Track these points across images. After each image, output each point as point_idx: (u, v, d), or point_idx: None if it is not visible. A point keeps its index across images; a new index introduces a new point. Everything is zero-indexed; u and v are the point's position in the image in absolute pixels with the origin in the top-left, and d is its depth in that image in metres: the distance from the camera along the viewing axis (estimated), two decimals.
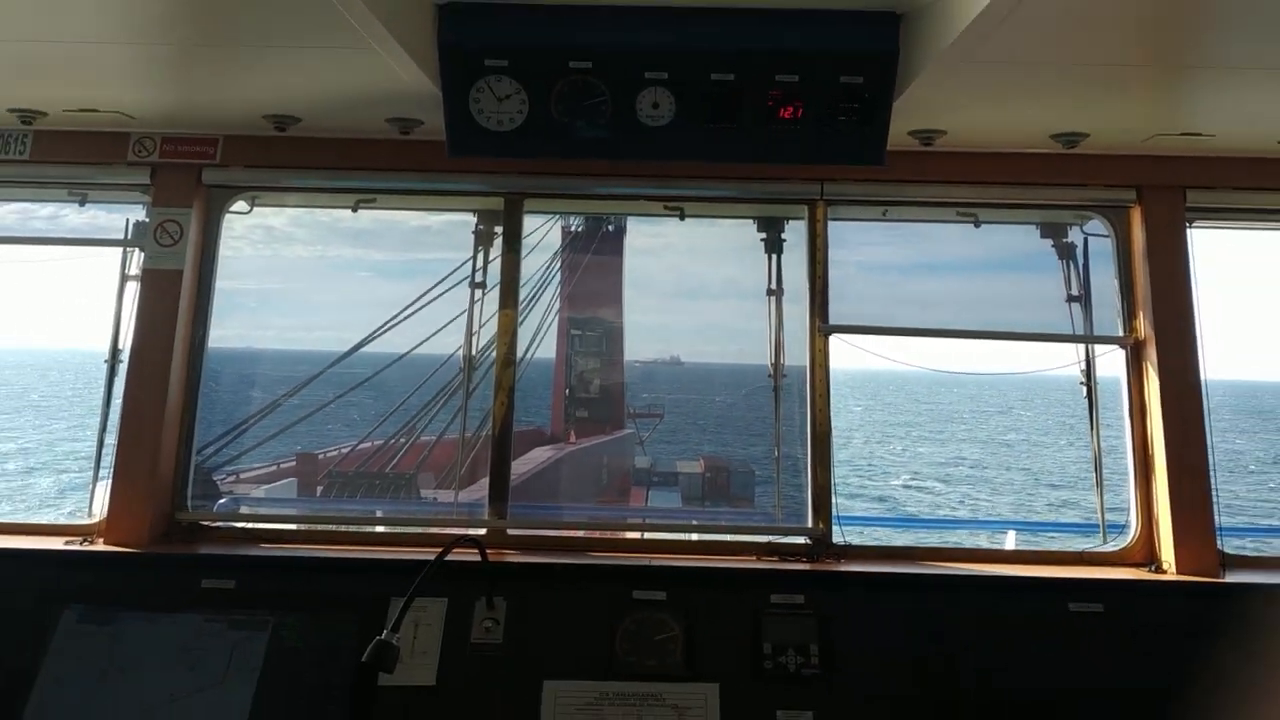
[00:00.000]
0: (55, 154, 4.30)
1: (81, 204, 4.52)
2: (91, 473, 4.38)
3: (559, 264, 15.18)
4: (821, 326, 4.27)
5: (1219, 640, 3.04)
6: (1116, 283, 4.39)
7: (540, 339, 13.52)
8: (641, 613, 3.06)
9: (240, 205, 4.50)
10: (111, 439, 4.17)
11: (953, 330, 4.50)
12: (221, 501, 4.96)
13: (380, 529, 4.61)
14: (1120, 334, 4.34)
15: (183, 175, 4.30)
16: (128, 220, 4.41)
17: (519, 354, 4.41)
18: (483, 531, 3.92)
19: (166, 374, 4.15)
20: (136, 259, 4.34)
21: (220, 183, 4.34)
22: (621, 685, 2.91)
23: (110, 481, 4.06)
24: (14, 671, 2.90)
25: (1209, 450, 4.09)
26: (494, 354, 4.36)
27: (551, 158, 3.65)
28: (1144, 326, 4.25)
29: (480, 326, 4.60)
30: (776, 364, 4.57)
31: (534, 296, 12.88)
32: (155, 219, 4.28)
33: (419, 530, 4.05)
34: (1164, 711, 2.87)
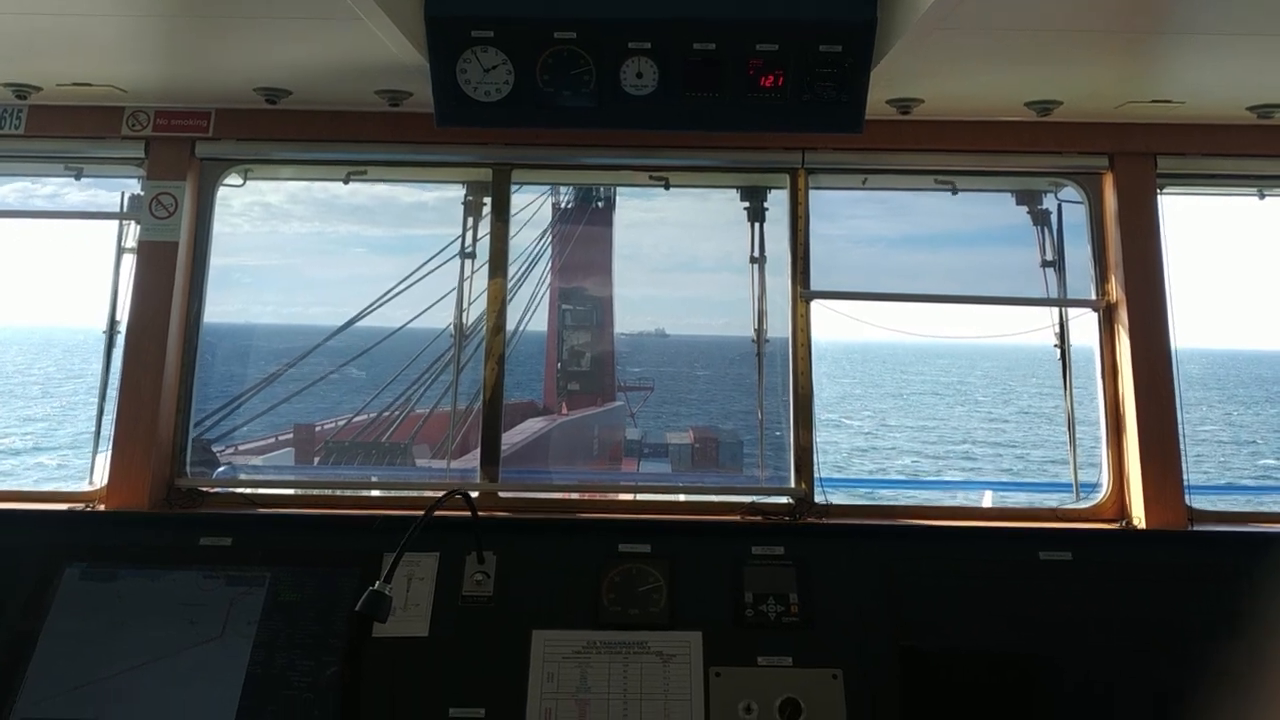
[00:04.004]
0: (50, 129, 4.36)
1: (77, 178, 4.59)
2: (92, 442, 4.46)
3: (549, 239, 15.24)
4: (803, 293, 4.38)
5: (1185, 586, 3.16)
6: (1089, 248, 4.51)
7: (531, 313, 13.59)
8: (627, 565, 3.18)
9: (234, 178, 4.57)
10: (111, 408, 4.26)
11: (931, 295, 4.62)
12: (220, 470, 5.05)
13: (375, 493, 4.72)
14: (1093, 298, 4.46)
15: (176, 149, 4.37)
16: (123, 194, 4.49)
17: (510, 328, 4.51)
18: (475, 494, 4.03)
19: (164, 344, 4.23)
20: (132, 232, 4.42)
21: (213, 155, 4.42)
22: (608, 634, 3.02)
23: (110, 450, 4.15)
24: (18, 628, 3.00)
25: (1178, 409, 4.21)
26: (485, 325, 4.45)
27: (538, 127, 3.74)
28: (1116, 290, 4.36)
29: (471, 302, 4.69)
30: (760, 330, 4.70)
31: (525, 271, 12.96)
32: (150, 192, 4.36)
33: (412, 494, 4.16)
34: (1132, 656, 3.00)
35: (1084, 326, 4.54)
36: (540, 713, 2.85)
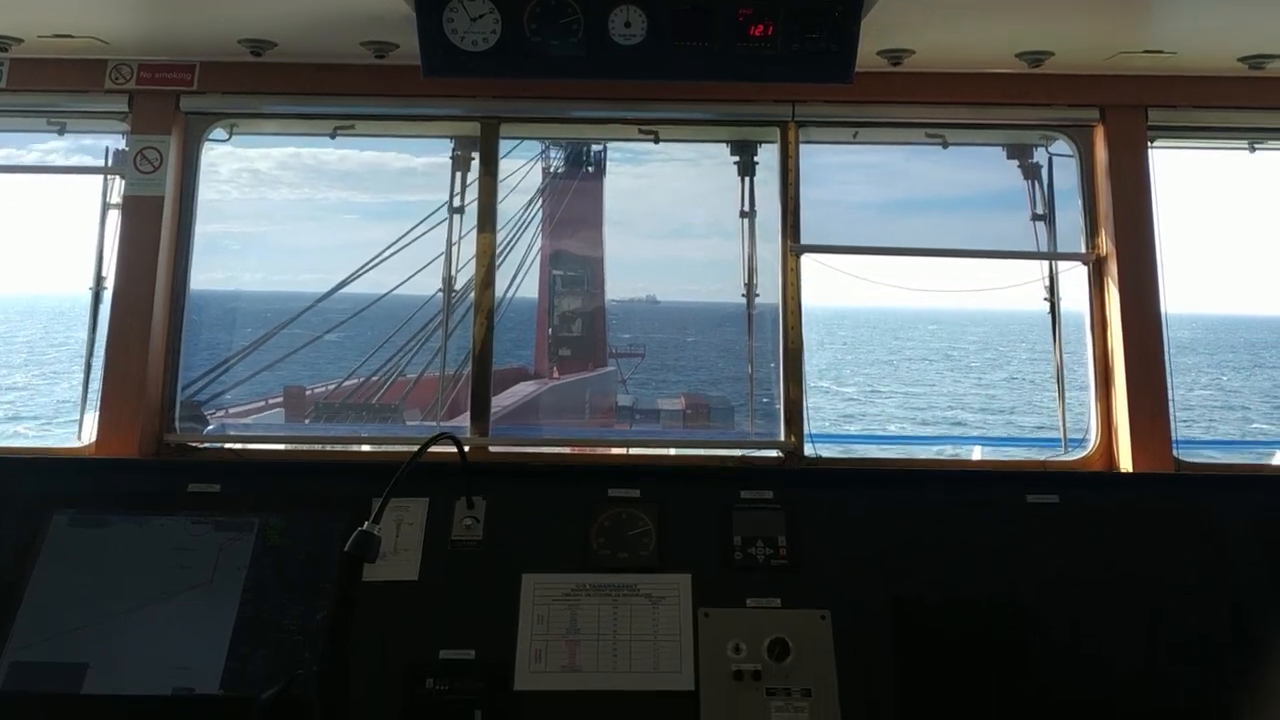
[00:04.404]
0: (32, 82, 4.31)
1: (60, 133, 4.55)
2: (80, 400, 4.45)
3: (540, 204, 15.18)
4: (793, 246, 4.37)
5: (1171, 528, 3.18)
6: (1080, 201, 4.50)
7: (522, 278, 13.55)
8: (616, 509, 3.19)
9: (219, 133, 4.53)
10: (99, 365, 4.25)
11: (921, 249, 4.62)
12: (210, 428, 5.05)
13: (365, 448, 4.72)
14: (1083, 251, 4.46)
15: (161, 102, 4.33)
16: (107, 149, 4.45)
17: (500, 294, 4.49)
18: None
19: (151, 299, 4.21)
20: (117, 187, 4.38)
21: (198, 109, 4.37)
22: (598, 577, 3.04)
23: (98, 406, 4.14)
24: (6, 574, 3.00)
25: (1166, 362, 4.23)
26: (474, 281, 4.43)
27: (526, 78, 3.71)
28: (1105, 243, 4.36)
29: (460, 268, 4.68)
30: (750, 285, 4.70)
31: (515, 236, 12.90)
32: (134, 146, 4.32)
33: (402, 449, 4.16)
34: (1119, 600, 3.02)
35: (1074, 290, 4.54)
36: (530, 654, 2.87)
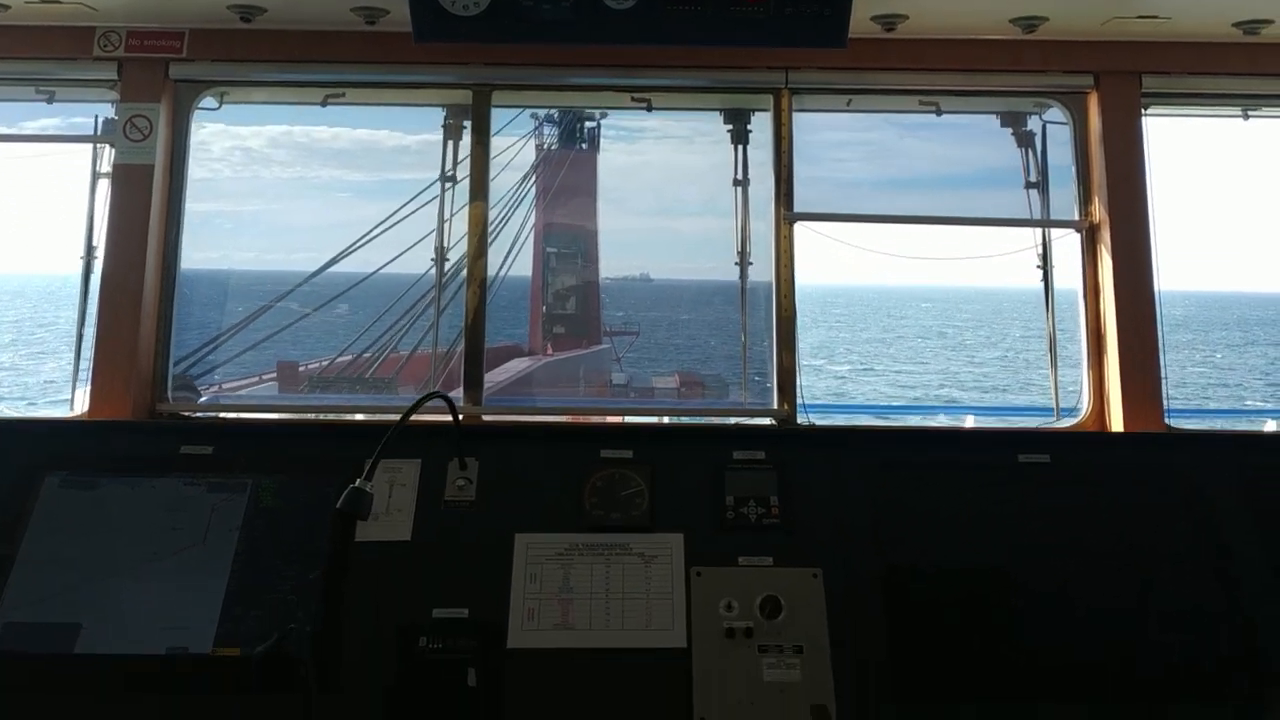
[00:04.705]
0: (20, 50, 4.28)
1: (49, 102, 4.51)
2: (71, 370, 4.44)
3: (533, 181, 15.10)
4: (787, 215, 4.35)
5: (1161, 488, 3.19)
6: (1073, 169, 4.49)
7: (515, 255, 13.51)
8: (609, 469, 3.19)
9: (209, 102, 4.51)
10: (90, 335, 4.23)
11: (914, 216, 4.61)
12: (202, 400, 5.04)
13: (359, 416, 4.72)
14: (1076, 219, 4.46)
15: (150, 70, 4.30)
16: (96, 117, 4.43)
17: (493, 273, 4.47)
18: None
19: (142, 268, 4.19)
20: (107, 156, 4.36)
21: (188, 77, 4.34)
22: (590, 537, 3.04)
23: (90, 378, 4.13)
24: None
25: (1159, 329, 4.24)
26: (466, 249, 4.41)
27: (516, 42, 3.68)
28: (1099, 211, 4.36)
29: (453, 244, 4.66)
30: (743, 252, 4.71)
31: (508, 213, 12.84)
32: (124, 114, 4.29)
33: (395, 417, 4.13)
34: (1109, 556, 3.04)
35: (1068, 265, 4.52)
36: (523, 612, 2.88)
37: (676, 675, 2.78)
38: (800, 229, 4.37)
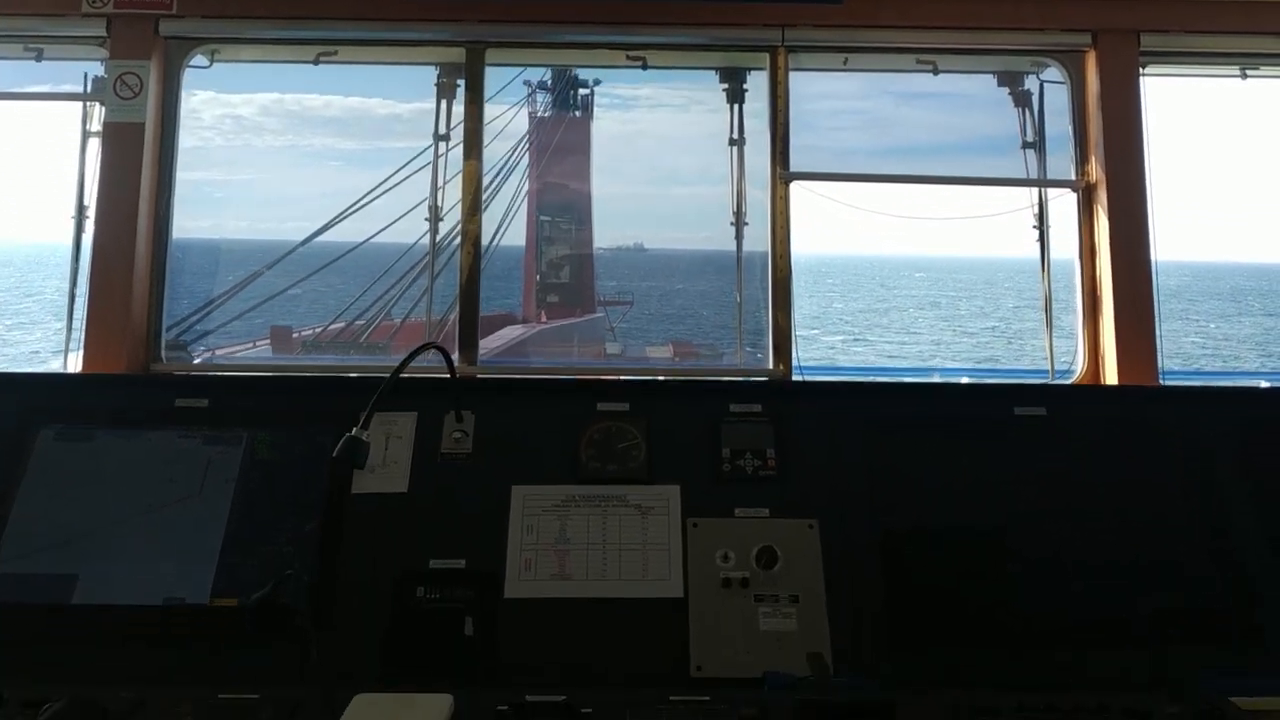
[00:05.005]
0: (6, 6, 4.23)
1: (38, 59, 4.46)
2: (64, 332, 4.42)
3: (526, 148, 15.04)
4: (782, 174, 4.34)
5: (1157, 441, 3.20)
6: (1070, 128, 4.48)
7: (508, 223, 13.46)
8: (605, 422, 3.18)
9: (200, 60, 4.46)
10: (83, 294, 4.21)
11: (911, 176, 4.60)
12: (196, 362, 5.03)
13: (354, 375, 4.70)
14: (1073, 178, 4.45)
15: (140, 26, 4.25)
16: (86, 75, 4.38)
17: (486, 241, 4.45)
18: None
19: (134, 227, 4.17)
20: (97, 114, 4.32)
21: (178, 34, 4.29)
22: (587, 489, 3.04)
23: (83, 339, 4.11)
24: None
25: (1154, 289, 4.24)
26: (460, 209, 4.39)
27: None
28: (1096, 170, 4.35)
29: (448, 210, 4.63)
30: (738, 212, 4.70)
31: (501, 180, 12.78)
32: (113, 72, 4.24)
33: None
34: (1104, 509, 3.04)
35: (1064, 231, 4.51)
36: (520, 563, 2.88)
37: (673, 625, 2.79)
38: (796, 193, 4.36)
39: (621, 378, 3.90)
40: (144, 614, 2.75)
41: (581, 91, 17.35)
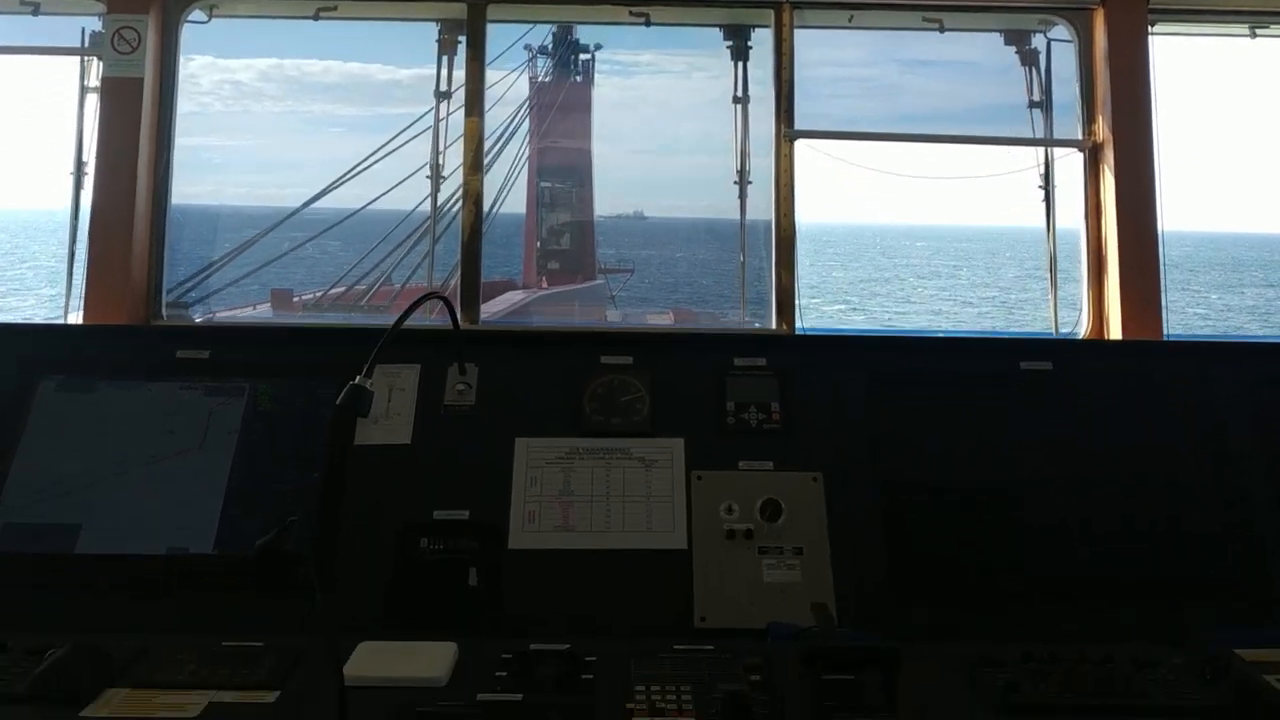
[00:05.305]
0: None
1: (34, 13, 4.41)
2: (58, 294, 4.40)
3: (527, 113, 14.95)
4: (787, 132, 4.29)
5: (1162, 393, 3.19)
6: (1078, 87, 4.44)
7: (509, 189, 13.40)
8: (609, 375, 3.16)
9: (198, 14, 4.40)
10: (82, 251, 4.19)
11: (916, 134, 4.57)
12: (197, 321, 5.02)
13: (356, 327, 4.69)
14: (1079, 138, 4.41)
15: None
16: (83, 30, 4.33)
17: (489, 195, 4.42)
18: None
19: (134, 184, 4.13)
20: (95, 70, 4.28)
21: None
22: (591, 441, 3.03)
23: (83, 299, 4.09)
24: None
25: (1160, 250, 4.22)
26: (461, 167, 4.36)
27: None
28: (1102, 130, 4.31)
29: (449, 175, 4.60)
30: (742, 170, 4.68)
31: (501, 145, 12.71)
32: (110, 27, 4.19)
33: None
34: (1109, 464, 3.04)
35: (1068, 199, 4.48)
36: (524, 514, 2.88)
37: (677, 576, 2.78)
38: (800, 156, 4.32)
39: (625, 329, 3.88)
40: (147, 563, 2.75)
41: (583, 56, 17.24)
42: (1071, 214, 4.47)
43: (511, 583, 2.77)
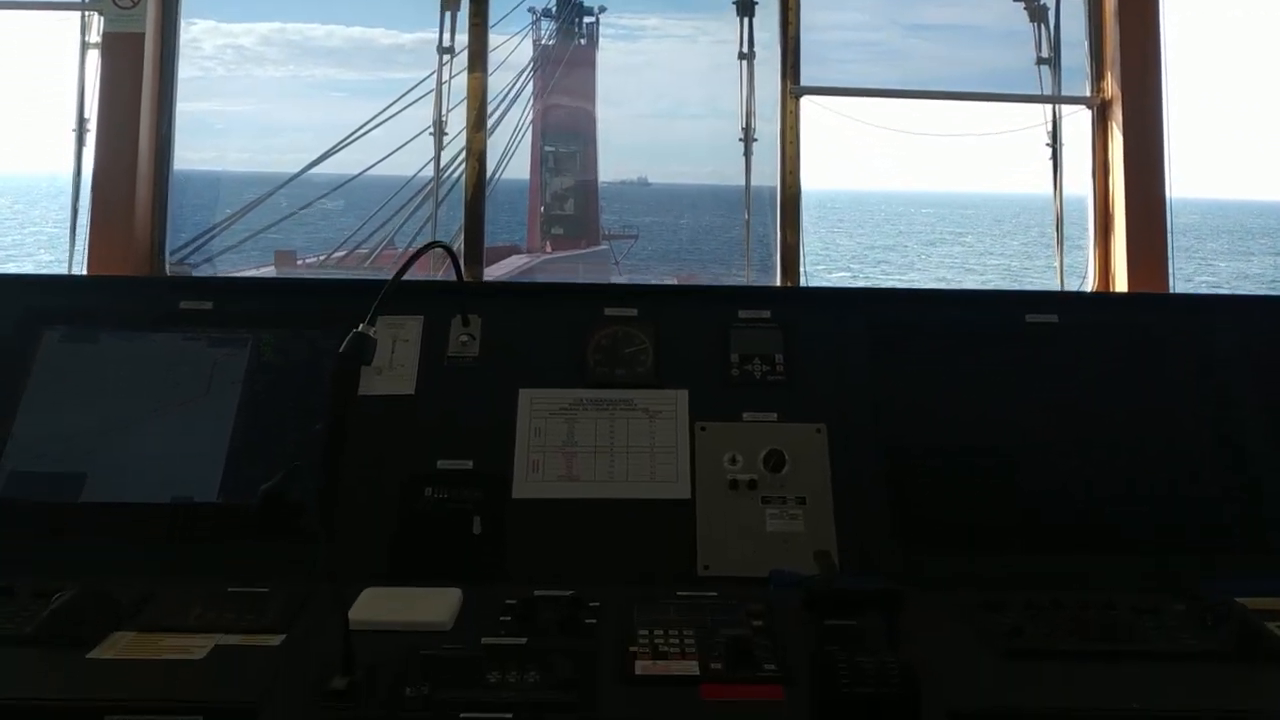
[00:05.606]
0: None
1: None
2: (65, 249, 4.40)
3: (530, 76, 14.86)
4: (793, 89, 4.26)
5: (1169, 346, 3.18)
6: (1086, 44, 4.40)
7: (514, 150, 13.35)
8: (613, 327, 3.15)
9: None
10: (85, 210, 4.18)
11: (922, 91, 4.54)
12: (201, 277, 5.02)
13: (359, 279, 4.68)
14: (1088, 95, 4.38)
15: None
16: None
17: (492, 166, 4.39)
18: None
19: (136, 141, 4.11)
20: (96, 25, 4.25)
21: None
22: (595, 392, 3.02)
23: (85, 256, 4.09)
24: None
25: (1167, 209, 4.19)
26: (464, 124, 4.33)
27: None
28: (1111, 86, 4.28)
29: (453, 138, 4.58)
30: (747, 128, 4.65)
31: (505, 107, 12.65)
32: None
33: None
34: (1114, 411, 3.03)
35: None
36: (528, 464, 2.88)
37: (680, 525, 2.79)
38: (807, 112, 4.29)
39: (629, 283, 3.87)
40: (152, 511, 2.76)
41: (586, 19, 17.13)
42: (1079, 180, 4.45)
43: (515, 532, 2.77)
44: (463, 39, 4.41)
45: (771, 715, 1.94)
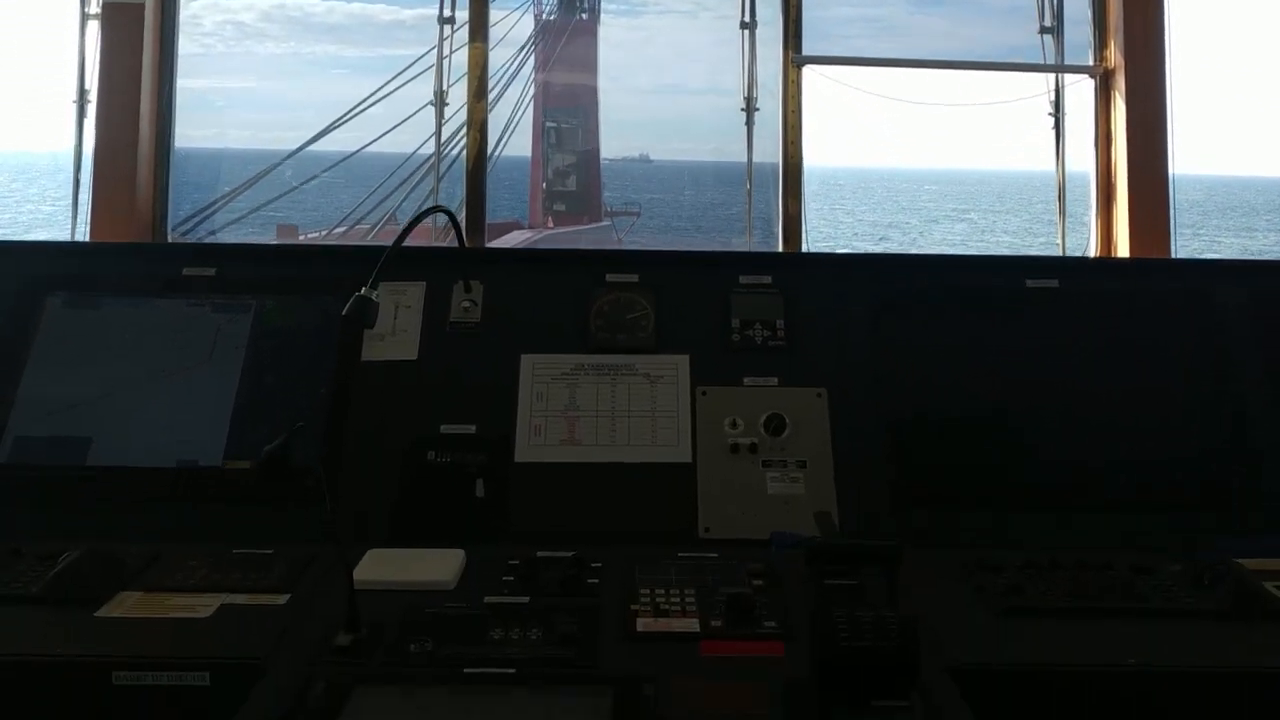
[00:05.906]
0: None
1: None
2: (70, 218, 4.41)
3: (532, 51, 14.82)
4: (795, 58, 4.24)
5: (1170, 310, 3.18)
6: (1090, 12, 4.38)
7: (513, 129, 13.32)
8: (615, 293, 3.16)
9: None
10: (87, 181, 4.18)
11: (925, 60, 4.52)
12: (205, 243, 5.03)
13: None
14: (1090, 64, 4.36)
15: None
16: None
17: (493, 140, 4.39)
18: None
19: (137, 113, 4.11)
20: None
21: None
22: (596, 358, 3.03)
23: (88, 227, 4.10)
24: (3, 356, 3.01)
25: (1170, 179, 4.19)
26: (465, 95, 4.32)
27: None
28: (1114, 55, 4.26)
29: (454, 113, 4.57)
30: (749, 99, 4.64)
31: (506, 81, 12.62)
32: None
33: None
34: (1114, 375, 3.04)
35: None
36: (530, 429, 2.89)
37: (681, 488, 2.81)
38: (809, 83, 4.28)
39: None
40: (157, 475, 2.78)
41: None
42: (1082, 155, 4.44)
43: (518, 495, 2.79)
44: (463, 15, 4.40)
45: (771, 670, 1.96)
